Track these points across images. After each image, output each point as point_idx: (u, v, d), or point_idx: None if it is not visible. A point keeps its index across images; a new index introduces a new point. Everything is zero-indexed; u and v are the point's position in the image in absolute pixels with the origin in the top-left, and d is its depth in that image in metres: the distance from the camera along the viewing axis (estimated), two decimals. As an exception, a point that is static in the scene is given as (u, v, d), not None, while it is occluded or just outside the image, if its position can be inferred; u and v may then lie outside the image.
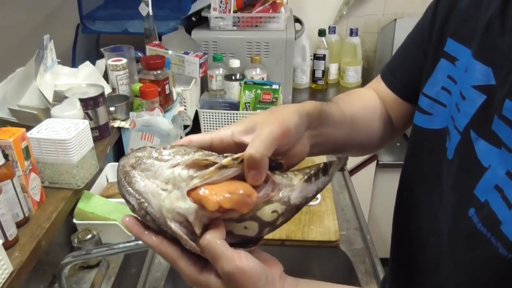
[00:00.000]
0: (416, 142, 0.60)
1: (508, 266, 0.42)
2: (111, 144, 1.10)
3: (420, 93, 0.58)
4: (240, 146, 0.44)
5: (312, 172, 0.46)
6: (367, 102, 0.67)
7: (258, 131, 0.44)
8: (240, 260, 0.39)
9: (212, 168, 0.40)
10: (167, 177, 0.41)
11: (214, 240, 0.39)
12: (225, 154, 0.42)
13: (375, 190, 1.75)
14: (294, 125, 0.46)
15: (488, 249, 0.44)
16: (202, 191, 0.39)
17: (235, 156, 0.41)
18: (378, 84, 0.69)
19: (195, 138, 0.46)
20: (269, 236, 0.61)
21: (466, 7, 0.53)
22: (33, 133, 0.85)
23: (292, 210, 0.45)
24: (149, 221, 0.41)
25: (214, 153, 0.43)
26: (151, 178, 0.41)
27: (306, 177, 0.45)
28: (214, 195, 0.38)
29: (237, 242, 0.42)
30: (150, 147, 0.43)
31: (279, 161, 0.45)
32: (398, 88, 0.65)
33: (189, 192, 0.39)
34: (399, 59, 0.67)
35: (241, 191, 0.39)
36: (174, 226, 0.39)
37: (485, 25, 0.48)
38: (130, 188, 0.41)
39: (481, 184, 0.46)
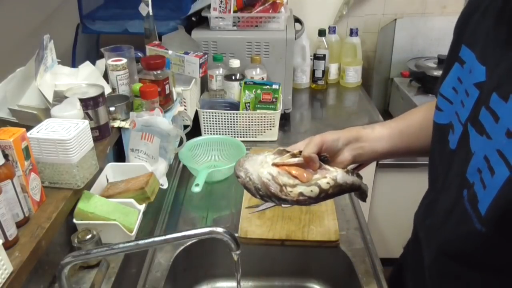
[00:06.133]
0: (433, 135, 0.70)
1: (482, 239, 0.51)
2: (111, 144, 1.10)
3: (438, 93, 0.67)
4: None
5: (349, 168, 0.75)
6: (426, 111, 0.79)
7: (310, 140, 0.75)
8: None
9: (286, 154, 0.74)
10: (261, 160, 0.74)
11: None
12: (296, 151, 0.74)
13: (375, 190, 1.75)
14: (331, 139, 0.75)
15: (469, 225, 0.52)
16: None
17: (298, 151, 0.74)
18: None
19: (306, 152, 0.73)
20: (269, 236, 0.99)
21: (477, 17, 0.61)
22: (33, 133, 0.85)
23: (337, 186, 0.71)
24: (248, 183, 0.72)
25: (292, 150, 0.75)
26: (252, 163, 0.74)
27: (346, 169, 0.74)
28: (286, 168, 0.72)
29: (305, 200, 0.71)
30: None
31: (327, 158, 0.75)
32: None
33: (274, 164, 0.73)
34: (444, 69, 0.74)
35: (300, 170, 0.72)
36: (267, 177, 0.71)
37: (486, 32, 0.57)
38: (240, 167, 0.74)
39: (470, 168, 0.54)
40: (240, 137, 1.45)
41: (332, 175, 0.71)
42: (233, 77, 1.45)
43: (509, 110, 0.48)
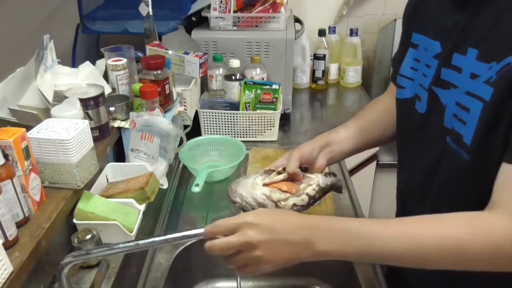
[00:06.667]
0: (398, 111, 0.85)
1: (469, 168, 0.64)
2: (111, 144, 1.10)
3: (397, 74, 0.83)
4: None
5: (326, 172, 0.88)
6: (378, 106, 0.95)
7: (290, 156, 0.86)
8: None
9: (273, 173, 0.84)
10: (251, 182, 0.82)
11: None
12: (280, 168, 0.85)
13: (375, 190, 1.75)
14: (307, 151, 0.87)
15: (458, 160, 0.65)
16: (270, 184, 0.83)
17: (282, 168, 0.85)
18: (391, 85, 0.93)
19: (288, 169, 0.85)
20: None
21: (422, 8, 0.79)
22: (33, 133, 0.85)
23: (321, 190, 0.83)
24: (246, 206, 0.80)
25: (276, 168, 0.86)
26: (244, 186, 0.82)
27: (324, 174, 0.86)
28: (275, 185, 0.82)
29: (299, 209, 0.80)
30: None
31: (307, 168, 0.88)
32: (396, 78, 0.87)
33: (264, 184, 0.82)
34: (397, 57, 0.88)
35: (288, 185, 0.82)
36: (261, 197, 0.79)
37: (433, 15, 0.74)
38: (234, 193, 0.83)
39: (446, 118, 0.68)
40: (240, 137, 1.45)
41: (315, 181, 0.83)
42: (233, 77, 1.45)
43: (468, 60, 0.63)
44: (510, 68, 0.57)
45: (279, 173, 0.84)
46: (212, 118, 1.43)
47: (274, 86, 1.42)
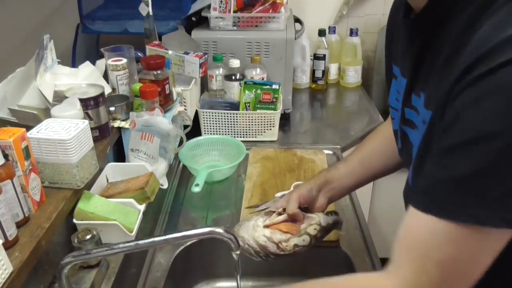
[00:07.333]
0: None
1: None
2: (111, 144, 1.10)
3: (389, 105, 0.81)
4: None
5: (328, 211, 0.88)
6: (378, 135, 0.92)
7: (289, 197, 0.85)
8: None
9: (273, 214, 0.84)
10: (253, 225, 0.83)
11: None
12: (280, 209, 0.85)
13: (375, 190, 1.75)
14: (305, 192, 0.85)
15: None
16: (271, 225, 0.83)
17: (282, 209, 0.85)
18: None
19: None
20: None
21: (395, 38, 0.75)
22: (33, 133, 0.85)
23: (323, 229, 0.83)
24: (248, 249, 0.81)
25: (276, 209, 0.86)
26: (246, 229, 0.83)
27: (325, 213, 0.86)
28: (276, 226, 0.82)
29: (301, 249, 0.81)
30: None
31: (307, 207, 0.87)
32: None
33: (265, 226, 0.82)
34: (387, 86, 0.85)
35: (288, 225, 0.83)
36: (263, 239, 0.80)
37: (400, 47, 0.70)
38: (236, 236, 0.74)
39: (414, 156, 0.63)
40: (240, 137, 1.45)
41: (316, 221, 0.83)
42: (233, 77, 1.45)
43: (421, 102, 0.60)
44: (428, 122, 0.56)
45: (279, 214, 0.84)
46: (212, 118, 1.43)
47: (274, 86, 1.42)
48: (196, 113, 1.44)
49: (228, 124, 1.44)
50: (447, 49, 0.55)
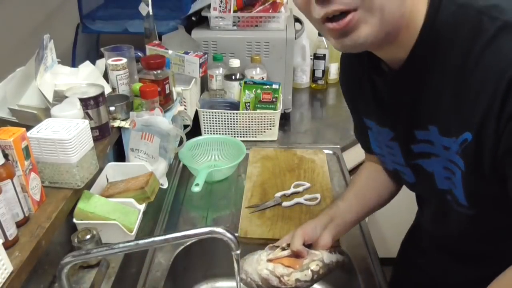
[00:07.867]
0: (393, 177, 0.88)
1: (478, 216, 0.68)
2: (111, 144, 1.10)
3: (371, 148, 0.87)
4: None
5: (332, 249, 0.87)
6: (364, 173, 0.95)
7: (294, 233, 0.86)
8: None
9: (277, 249, 0.85)
10: (256, 258, 0.85)
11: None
12: (284, 244, 0.86)
13: (375, 190, 1.75)
14: (310, 229, 0.86)
15: (463, 214, 0.69)
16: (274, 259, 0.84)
17: (286, 244, 0.86)
18: (368, 155, 0.95)
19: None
20: (269, 235, 1.05)
21: (357, 95, 0.80)
22: (33, 133, 0.85)
23: (325, 266, 0.84)
24: (250, 283, 0.83)
25: (281, 244, 0.86)
26: (250, 263, 0.85)
27: (329, 251, 0.86)
28: (279, 261, 0.83)
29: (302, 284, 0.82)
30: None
31: (310, 244, 0.86)
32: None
33: (268, 259, 0.83)
34: (357, 132, 0.92)
35: (291, 260, 0.83)
36: (265, 273, 0.82)
37: (370, 104, 0.76)
38: (240, 270, 0.83)
39: (437, 181, 0.70)
40: (240, 137, 1.45)
41: (319, 257, 0.84)
42: (233, 77, 1.45)
43: (434, 135, 0.65)
44: (467, 143, 0.59)
45: (283, 249, 0.85)
46: (212, 118, 1.43)
47: (274, 86, 1.42)
48: (196, 113, 1.44)
49: (228, 124, 1.44)
50: (449, 82, 0.59)
